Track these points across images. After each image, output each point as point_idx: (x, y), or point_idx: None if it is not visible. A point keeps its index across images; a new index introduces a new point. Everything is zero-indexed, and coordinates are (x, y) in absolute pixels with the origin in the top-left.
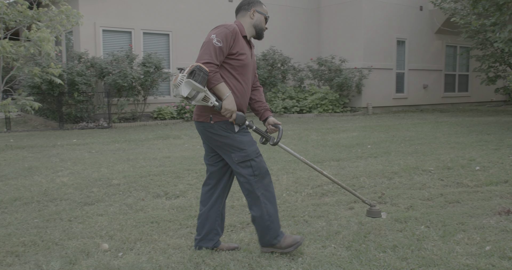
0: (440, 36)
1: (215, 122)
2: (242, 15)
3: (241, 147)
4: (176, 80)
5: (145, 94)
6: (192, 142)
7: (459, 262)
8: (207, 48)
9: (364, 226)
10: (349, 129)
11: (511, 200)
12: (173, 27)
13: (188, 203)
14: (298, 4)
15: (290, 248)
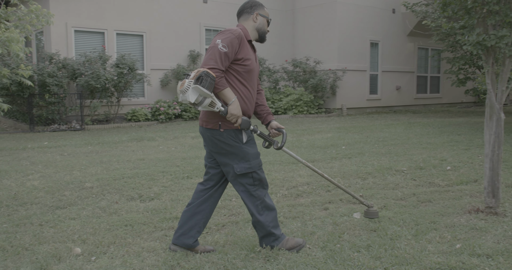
0: (412, 38)
1: (224, 130)
2: (245, 19)
3: (245, 159)
4: (183, 86)
5: (119, 95)
6: (167, 144)
7: (431, 260)
8: (212, 54)
9: (339, 226)
10: (324, 130)
11: (480, 198)
12: (147, 28)
13: (163, 206)
14: (273, 5)
15: (292, 249)
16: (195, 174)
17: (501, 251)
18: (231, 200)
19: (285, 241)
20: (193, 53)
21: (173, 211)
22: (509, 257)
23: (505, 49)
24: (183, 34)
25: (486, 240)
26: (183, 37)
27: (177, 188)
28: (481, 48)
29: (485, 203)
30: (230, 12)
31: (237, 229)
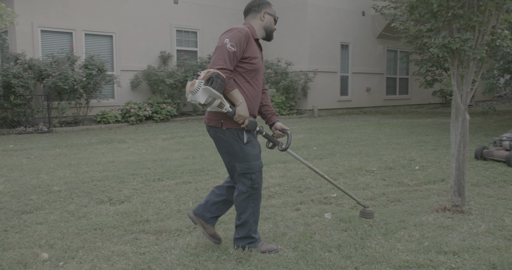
0: (381, 40)
1: (226, 128)
2: (252, 17)
3: (245, 160)
4: (194, 87)
5: (88, 97)
6: (138, 146)
7: (400, 259)
8: (221, 53)
9: (310, 226)
10: (296, 131)
11: (447, 197)
12: (117, 29)
13: (133, 209)
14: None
15: (266, 253)
16: (166, 176)
17: (466, 248)
18: None
19: (260, 245)
20: (164, 54)
21: (143, 214)
22: (474, 253)
23: (469, 52)
24: (153, 35)
25: (453, 237)
26: (154, 38)
27: (148, 191)
28: (447, 51)
29: (451, 201)
30: (201, 13)
31: None
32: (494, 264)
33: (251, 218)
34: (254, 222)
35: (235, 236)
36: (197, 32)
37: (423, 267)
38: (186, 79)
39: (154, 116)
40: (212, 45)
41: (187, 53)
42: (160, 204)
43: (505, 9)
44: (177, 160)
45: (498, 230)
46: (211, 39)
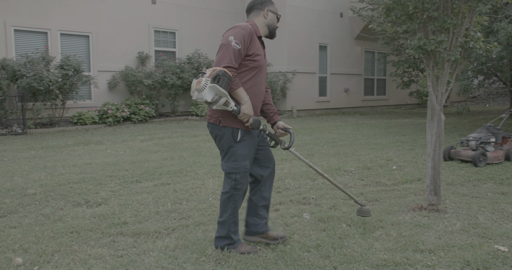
0: (359, 42)
1: (223, 126)
2: (256, 15)
3: (233, 159)
4: (200, 85)
5: (64, 98)
6: (115, 148)
7: (377, 258)
8: (226, 51)
9: (289, 227)
10: None
11: (423, 196)
12: (94, 28)
13: (111, 211)
14: (223, 7)
15: (245, 254)
16: (145, 178)
17: (442, 246)
18: (181, 203)
19: (239, 247)
20: (141, 54)
21: (121, 216)
22: (449, 251)
23: (444, 53)
24: (131, 35)
25: (429, 236)
26: (131, 38)
27: (126, 193)
28: (422, 52)
29: (427, 200)
30: (180, 13)
31: (188, 232)
32: (468, 261)
33: (230, 218)
34: (234, 223)
35: (216, 234)
36: (176, 32)
37: (400, 265)
38: (165, 80)
39: (132, 117)
40: (190, 46)
41: (166, 53)
42: (138, 206)
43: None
44: (155, 161)
45: (472, 228)
46: (190, 39)
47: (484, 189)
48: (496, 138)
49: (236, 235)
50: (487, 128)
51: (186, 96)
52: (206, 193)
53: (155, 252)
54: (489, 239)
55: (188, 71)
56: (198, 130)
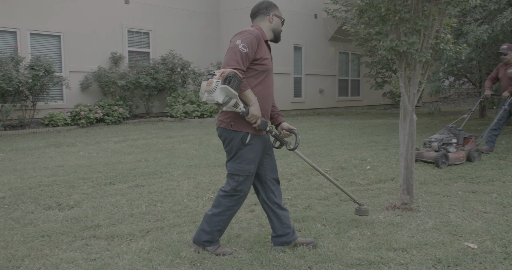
0: (333, 43)
1: (234, 130)
2: (261, 19)
3: (238, 161)
4: (211, 86)
5: (35, 99)
6: (88, 150)
7: (351, 257)
8: (233, 54)
9: (265, 227)
10: None
11: (397, 196)
12: (65, 28)
13: (84, 214)
14: (197, 8)
15: (221, 255)
16: (118, 180)
17: (414, 244)
18: (156, 205)
19: (217, 247)
20: (115, 55)
21: (94, 219)
22: (421, 249)
23: (415, 55)
24: (104, 35)
25: (402, 234)
26: (104, 39)
27: (99, 195)
28: (395, 53)
29: (401, 199)
30: (154, 14)
31: (162, 234)
32: (439, 259)
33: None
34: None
35: (200, 226)
36: (150, 33)
37: (373, 264)
38: (139, 80)
39: (105, 119)
40: (165, 47)
41: (140, 54)
42: (111, 209)
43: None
44: (129, 163)
45: (443, 226)
46: (164, 40)
47: (455, 187)
48: (458, 139)
49: (218, 236)
50: (449, 129)
51: (161, 97)
52: (181, 195)
53: (129, 255)
54: (459, 236)
55: (163, 72)
56: (173, 131)
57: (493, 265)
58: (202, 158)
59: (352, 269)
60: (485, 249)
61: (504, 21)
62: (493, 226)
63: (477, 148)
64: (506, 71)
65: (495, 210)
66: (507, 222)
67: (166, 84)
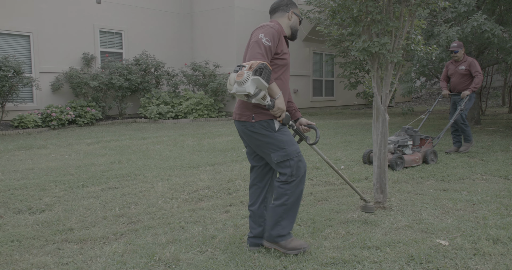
0: (307, 43)
1: (257, 121)
2: (280, 16)
3: (281, 146)
4: (242, 78)
5: (3, 101)
6: (60, 152)
7: (326, 256)
8: (257, 47)
9: (240, 228)
10: (225, 134)
11: (370, 194)
12: (35, 28)
13: (56, 217)
14: (170, 8)
15: (294, 251)
16: (91, 182)
17: (388, 243)
18: (130, 207)
19: (290, 240)
20: (87, 55)
21: (66, 222)
22: (394, 247)
23: (387, 55)
24: (75, 35)
25: (376, 233)
26: (76, 39)
27: (71, 198)
28: (367, 54)
29: (374, 198)
30: (126, 14)
31: (137, 237)
32: (412, 256)
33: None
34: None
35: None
36: (122, 33)
37: (348, 262)
38: (111, 81)
39: (77, 120)
40: (138, 47)
41: (112, 54)
42: (84, 212)
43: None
44: (102, 165)
45: (416, 224)
46: (137, 40)
47: (427, 186)
48: (414, 141)
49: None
50: (405, 131)
51: (134, 98)
52: (156, 196)
53: (103, 258)
54: (431, 234)
55: (136, 72)
56: (147, 133)
57: (463, 261)
58: (176, 159)
59: (327, 268)
60: (456, 245)
61: (475, 23)
62: (463, 223)
63: (433, 150)
64: (457, 68)
65: (465, 207)
66: (477, 219)
67: (139, 85)
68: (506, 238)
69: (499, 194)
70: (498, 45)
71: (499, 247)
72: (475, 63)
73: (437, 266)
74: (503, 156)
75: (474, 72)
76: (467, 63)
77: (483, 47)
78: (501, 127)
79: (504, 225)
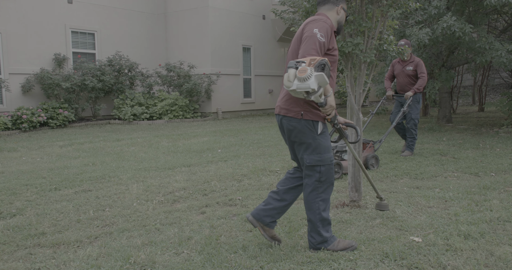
0: (282, 44)
1: (305, 119)
2: (329, 9)
3: (317, 151)
4: (305, 74)
5: None
6: (31, 155)
7: (303, 255)
8: (312, 43)
9: (216, 229)
10: (200, 135)
11: (346, 193)
12: (3, 28)
13: (27, 222)
14: (144, 8)
15: (344, 250)
16: (64, 185)
17: (363, 241)
18: (104, 210)
19: (336, 243)
20: (58, 56)
21: (39, 227)
22: (369, 245)
23: (360, 55)
24: (46, 35)
25: (351, 231)
26: (47, 39)
27: (44, 202)
28: (340, 54)
29: (349, 197)
30: (99, 14)
31: (111, 240)
32: (386, 253)
33: (317, 214)
34: (320, 220)
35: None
36: (95, 33)
37: (324, 261)
38: (84, 82)
39: (49, 122)
40: (111, 48)
41: (85, 55)
42: (57, 215)
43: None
44: (76, 167)
45: (390, 221)
46: (110, 41)
47: (401, 184)
48: None
49: (328, 232)
50: None
51: (108, 99)
52: (131, 199)
53: (76, 262)
54: (405, 231)
55: (109, 73)
56: (121, 134)
57: (436, 257)
58: (151, 161)
59: (303, 267)
60: (429, 242)
61: (445, 25)
62: (436, 219)
63: (374, 155)
64: (404, 68)
65: (438, 204)
66: (449, 215)
67: (113, 86)
68: (477, 233)
69: (470, 191)
70: (467, 45)
71: (470, 242)
72: (421, 64)
73: (411, 262)
74: (473, 153)
75: (420, 73)
76: (415, 64)
77: (453, 47)
78: (471, 125)
79: (475, 221)
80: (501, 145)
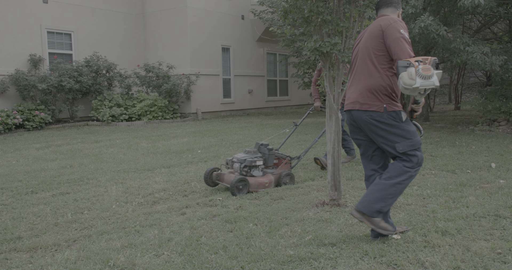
0: (261, 44)
1: (388, 111)
2: (392, 12)
3: (407, 136)
4: (430, 72)
5: None
6: (7, 157)
7: (283, 254)
8: (406, 44)
9: (196, 230)
10: (180, 135)
11: (325, 192)
12: None
13: (3, 226)
14: (121, 9)
15: (385, 231)
16: (41, 188)
17: (343, 239)
18: (83, 213)
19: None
20: (34, 57)
21: (15, 231)
22: (349, 243)
23: (338, 55)
24: (20, 36)
25: (331, 230)
26: (21, 40)
27: (20, 205)
28: (319, 54)
29: (329, 196)
30: (76, 14)
31: (90, 243)
32: (366, 251)
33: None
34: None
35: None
36: (72, 34)
37: (304, 260)
38: (61, 84)
39: (25, 124)
40: (88, 48)
41: (61, 56)
42: (34, 219)
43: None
44: (53, 170)
45: None
46: (88, 41)
47: None
48: (267, 160)
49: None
50: (258, 147)
51: (86, 100)
52: (110, 201)
53: (54, 266)
54: None
55: (87, 74)
56: (100, 136)
57: (415, 253)
58: (130, 162)
59: (284, 266)
60: (407, 239)
61: (422, 24)
62: (414, 217)
63: (289, 172)
64: None
65: (416, 201)
66: (427, 213)
67: (91, 87)
68: (454, 230)
69: (447, 188)
70: (443, 46)
71: (447, 238)
72: None
73: (390, 259)
74: (450, 151)
75: None
76: None
77: (429, 46)
78: (448, 124)
79: (452, 218)
80: (476, 143)
